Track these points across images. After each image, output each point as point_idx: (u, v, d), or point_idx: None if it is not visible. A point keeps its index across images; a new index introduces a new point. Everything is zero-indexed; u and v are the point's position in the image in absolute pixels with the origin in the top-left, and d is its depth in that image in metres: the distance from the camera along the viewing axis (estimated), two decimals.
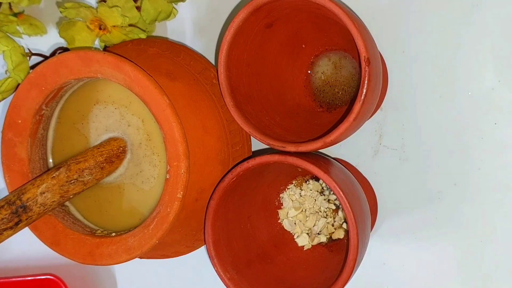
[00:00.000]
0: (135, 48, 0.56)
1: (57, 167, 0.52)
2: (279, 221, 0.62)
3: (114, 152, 0.54)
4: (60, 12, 0.58)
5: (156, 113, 0.50)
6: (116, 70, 0.50)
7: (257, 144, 0.60)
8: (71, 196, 0.52)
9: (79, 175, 0.52)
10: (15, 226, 0.49)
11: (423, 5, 0.56)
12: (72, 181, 0.51)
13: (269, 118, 0.56)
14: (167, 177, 0.50)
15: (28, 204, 0.49)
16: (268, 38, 0.56)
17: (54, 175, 0.51)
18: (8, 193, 0.55)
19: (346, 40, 0.56)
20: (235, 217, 0.57)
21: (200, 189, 0.53)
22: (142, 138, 0.55)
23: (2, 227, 0.49)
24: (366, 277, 0.61)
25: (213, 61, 0.62)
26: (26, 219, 0.50)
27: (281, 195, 0.62)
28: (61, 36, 0.60)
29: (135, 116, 0.55)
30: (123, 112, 0.55)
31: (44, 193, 0.50)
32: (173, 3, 0.58)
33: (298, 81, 0.60)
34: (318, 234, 0.60)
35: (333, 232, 0.60)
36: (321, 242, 0.61)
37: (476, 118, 0.57)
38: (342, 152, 0.61)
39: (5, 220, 0.49)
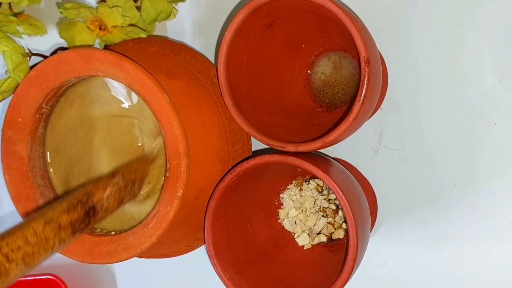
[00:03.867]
0: (135, 47, 0.57)
1: (112, 173, 0.50)
2: (279, 221, 0.62)
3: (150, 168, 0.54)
4: (60, 12, 0.58)
5: (156, 111, 0.50)
6: (117, 68, 0.50)
7: (257, 144, 0.60)
8: (122, 206, 0.51)
9: (131, 185, 0.51)
10: (84, 228, 0.47)
11: (423, 5, 0.57)
12: (127, 191, 0.50)
13: (269, 118, 0.56)
14: (167, 175, 0.50)
15: (97, 207, 0.47)
16: (268, 38, 0.56)
17: (114, 181, 0.49)
18: (9, 193, 0.55)
19: (346, 40, 0.57)
20: (234, 217, 0.57)
21: (200, 187, 0.53)
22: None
23: (77, 227, 0.45)
24: (366, 277, 0.61)
25: (213, 61, 0.62)
26: (92, 223, 0.47)
27: (281, 195, 0.62)
28: (61, 37, 0.60)
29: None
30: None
31: (108, 197, 0.48)
32: (173, 3, 0.58)
33: (298, 81, 0.60)
34: (318, 233, 0.60)
35: (333, 232, 0.60)
36: (321, 242, 0.61)
37: (476, 118, 0.57)
38: (342, 152, 0.61)
39: (79, 220, 0.46)
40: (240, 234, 0.58)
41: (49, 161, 0.57)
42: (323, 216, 0.60)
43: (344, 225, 0.60)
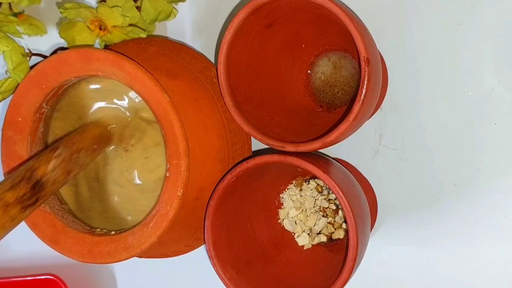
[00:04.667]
0: (135, 47, 0.57)
1: (53, 147, 0.51)
2: (279, 221, 0.62)
3: (102, 137, 0.55)
4: (60, 12, 0.58)
5: (156, 111, 0.50)
6: (117, 68, 0.50)
7: (257, 144, 0.61)
8: (71, 177, 0.51)
9: (77, 155, 0.51)
10: (34, 204, 0.47)
11: (423, 5, 0.57)
12: (73, 160, 0.51)
13: (269, 118, 0.56)
14: (167, 175, 0.50)
15: (43, 181, 0.48)
16: (268, 38, 0.56)
17: (56, 154, 0.50)
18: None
19: (346, 40, 0.57)
20: (235, 217, 0.57)
21: (200, 187, 0.53)
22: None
23: (26, 203, 0.46)
24: (366, 277, 0.61)
25: (213, 61, 0.62)
26: (42, 197, 0.48)
27: (281, 195, 0.62)
28: (61, 37, 0.60)
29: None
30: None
31: (54, 170, 0.49)
32: (173, 3, 0.58)
33: (298, 81, 0.60)
34: (318, 233, 0.60)
35: (333, 232, 0.60)
36: (321, 242, 0.61)
37: (476, 118, 0.57)
38: (342, 152, 0.61)
39: (26, 196, 0.46)
40: (240, 234, 0.58)
41: None
42: (323, 216, 0.60)
43: (344, 225, 0.60)
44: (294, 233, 0.61)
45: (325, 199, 0.60)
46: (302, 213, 0.61)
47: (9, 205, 0.45)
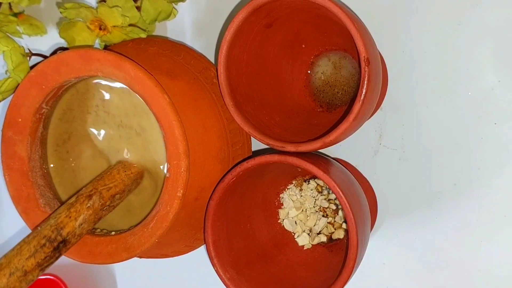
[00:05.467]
0: (135, 47, 0.57)
1: (88, 194, 0.50)
2: (279, 221, 0.62)
3: (140, 174, 0.54)
4: (60, 12, 0.58)
5: (156, 112, 0.50)
6: (117, 68, 0.50)
7: (257, 144, 0.61)
8: (100, 221, 0.51)
9: (110, 202, 0.51)
10: (55, 261, 0.48)
11: (423, 5, 0.57)
12: (104, 208, 0.50)
13: (269, 118, 0.56)
14: (167, 175, 0.50)
15: (68, 238, 0.48)
16: (268, 38, 0.56)
17: (89, 204, 0.49)
18: (9, 193, 0.55)
19: (346, 40, 0.57)
20: (235, 217, 0.57)
21: (200, 188, 0.53)
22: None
23: (45, 265, 0.47)
24: (366, 277, 0.61)
25: (213, 61, 0.62)
26: (64, 252, 0.48)
27: (281, 195, 0.62)
28: (61, 37, 0.60)
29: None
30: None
31: (82, 224, 0.49)
32: (173, 3, 0.58)
33: (298, 81, 0.60)
34: (318, 233, 0.60)
35: (333, 232, 0.60)
36: (321, 242, 0.61)
37: (476, 118, 0.57)
38: (342, 152, 0.61)
39: (48, 257, 0.47)
40: (240, 234, 0.58)
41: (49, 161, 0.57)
42: (323, 216, 0.60)
43: (344, 225, 0.60)
44: (294, 233, 0.61)
45: (325, 199, 0.60)
46: (302, 213, 0.61)
47: (28, 273, 0.45)
